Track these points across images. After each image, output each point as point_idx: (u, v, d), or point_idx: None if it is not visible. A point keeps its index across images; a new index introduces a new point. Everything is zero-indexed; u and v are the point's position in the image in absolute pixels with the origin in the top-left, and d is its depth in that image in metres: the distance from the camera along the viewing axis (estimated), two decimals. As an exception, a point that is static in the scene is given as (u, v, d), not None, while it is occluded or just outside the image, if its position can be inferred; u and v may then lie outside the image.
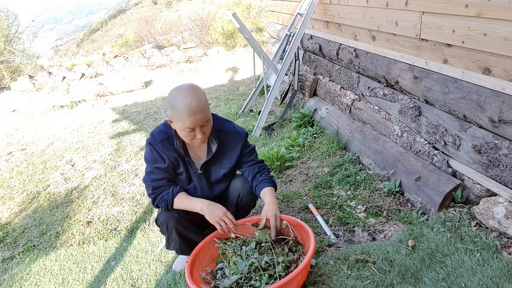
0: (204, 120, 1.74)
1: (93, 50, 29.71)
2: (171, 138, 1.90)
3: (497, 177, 2.05)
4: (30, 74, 8.91)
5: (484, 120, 2.07)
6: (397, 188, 2.55)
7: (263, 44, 8.56)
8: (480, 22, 1.99)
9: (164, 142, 1.89)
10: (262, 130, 4.06)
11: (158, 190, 1.93)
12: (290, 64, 4.36)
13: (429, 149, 2.52)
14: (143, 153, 4.11)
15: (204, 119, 1.74)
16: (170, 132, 1.90)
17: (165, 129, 1.92)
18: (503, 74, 1.93)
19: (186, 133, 1.76)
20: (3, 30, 10.20)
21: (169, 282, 2.06)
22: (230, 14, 4.20)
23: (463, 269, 1.74)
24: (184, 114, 1.68)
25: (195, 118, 1.70)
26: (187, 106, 1.68)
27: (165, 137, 1.90)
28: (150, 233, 2.64)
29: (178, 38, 18.54)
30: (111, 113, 5.96)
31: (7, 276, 2.43)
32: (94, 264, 2.42)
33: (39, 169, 4.10)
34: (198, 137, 1.78)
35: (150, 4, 64.35)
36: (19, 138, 5.31)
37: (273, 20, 5.86)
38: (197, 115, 1.70)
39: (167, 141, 1.90)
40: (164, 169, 1.92)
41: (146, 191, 2.00)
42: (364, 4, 3.11)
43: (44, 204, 3.34)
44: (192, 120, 1.70)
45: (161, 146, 1.89)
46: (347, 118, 3.51)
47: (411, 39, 2.61)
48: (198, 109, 1.69)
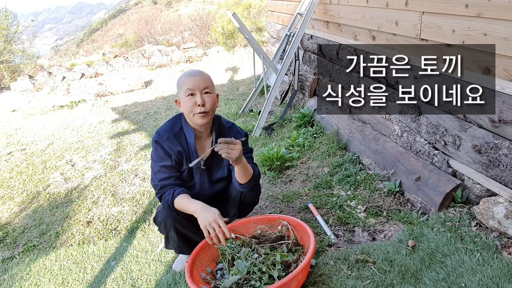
0: (204, 84, 1.85)
1: (93, 50, 29.71)
2: (177, 134, 1.94)
3: (497, 177, 2.05)
4: (30, 74, 8.91)
5: (484, 120, 2.07)
6: (397, 188, 2.55)
7: (263, 44, 8.56)
8: (480, 22, 1.99)
9: (170, 138, 1.93)
10: (262, 130, 4.06)
11: (163, 189, 1.93)
12: (290, 64, 4.36)
13: (429, 149, 2.52)
14: (143, 153, 4.11)
15: (205, 83, 1.86)
16: (177, 128, 1.95)
17: (171, 126, 1.96)
18: (503, 74, 1.93)
19: (188, 99, 1.84)
20: (2, 30, 10.19)
21: (169, 282, 2.06)
22: (230, 14, 4.20)
23: (463, 269, 1.74)
24: (187, 76, 1.86)
25: (195, 78, 1.84)
26: (189, 71, 1.90)
27: (172, 133, 1.93)
28: (150, 233, 2.64)
29: (178, 38, 18.53)
30: (111, 113, 5.95)
31: (7, 276, 2.43)
32: (94, 264, 2.42)
33: (39, 169, 4.10)
34: (199, 101, 1.82)
35: (150, 4, 64.36)
36: (19, 138, 5.30)
37: (273, 20, 5.86)
38: (197, 76, 1.85)
39: (174, 137, 1.93)
40: (170, 167, 1.93)
41: (154, 189, 2.00)
42: (364, 4, 3.11)
43: (44, 204, 3.34)
44: (193, 81, 1.83)
45: (168, 142, 1.92)
46: (347, 118, 3.51)
47: (411, 39, 2.61)
48: (199, 73, 1.88)
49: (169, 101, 6.16)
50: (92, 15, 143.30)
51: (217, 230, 1.70)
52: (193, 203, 1.84)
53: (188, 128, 1.94)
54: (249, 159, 2.09)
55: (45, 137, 5.14)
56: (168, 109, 5.71)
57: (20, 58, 10.92)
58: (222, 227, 1.71)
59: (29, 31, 12.32)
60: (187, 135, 1.94)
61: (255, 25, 10.59)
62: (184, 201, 1.91)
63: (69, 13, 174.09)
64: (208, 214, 1.74)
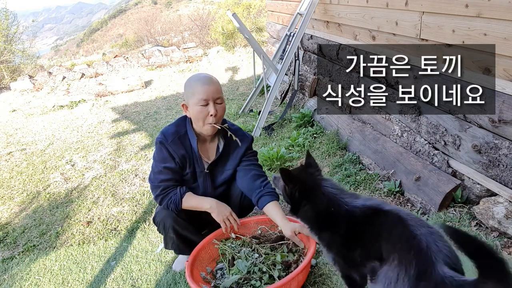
0: (217, 94, 1.85)
1: (93, 50, 29.73)
2: (182, 137, 1.93)
3: (497, 177, 2.05)
4: (30, 74, 8.90)
5: (484, 120, 2.07)
6: (397, 188, 2.55)
7: (263, 44, 8.56)
8: (480, 22, 1.99)
9: (176, 141, 1.92)
10: (262, 130, 4.06)
11: (166, 190, 1.92)
12: (290, 64, 4.36)
13: (429, 149, 2.52)
14: (143, 153, 4.11)
15: (218, 92, 1.85)
16: (182, 132, 1.94)
17: (177, 129, 1.95)
18: (503, 74, 1.93)
19: (200, 108, 1.83)
20: (3, 30, 10.19)
21: (169, 282, 2.06)
22: (230, 14, 4.20)
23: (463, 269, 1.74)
24: (199, 84, 1.83)
25: (208, 87, 1.82)
26: (202, 78, 1.87)
27: (177, 136, 1.93)
28: (150, 233, 2.64)
29: (178, 38, 18.53)
30: (111, 113, 5.95)
31: (7, 276, 2.43)
32: (94, 264, 2.42)
33: (39, 169, 4.10)
34: (211, 112, 1.83)
35: (150, 4, 64.38)
36: (19, 138, 5.30)
37: (273, 20, 5.86)
38: (211, 86, 1.83)
39: (179, 140, 1.93)
40: (173, 170, 1.92)
41: (151, 191, 1.99)
42: (364, 4, 3.11)
43: (44, 204, 3.34)
44: (206, 90, 1.81)
45: (172, 145, 1.91)
46: (347, 118, 3.51)
47: (411, 39, 2.61)
48: (212, 81, 1.85)
49: (169, 101, 6.16)
50: (92, 15, 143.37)
51: (232, 221, 1.93)
52: (206, 200, 1.94)
53: (192, 133, 1.93)
54: (254, 162, 2.09)
55: (45, 137, 5.14)
56: (168, 109, 5.71)
57: (20, 58, 10.92)
58: (236, 219, 1.95)
59: (29, 31, 12.32)
60: (191, 139, 1.94)
61: (255, 25, 10.59)
62: (194, 199, 1.93)
63: (69, 13, 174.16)
64: (225, 209, 1.94)
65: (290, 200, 1.51)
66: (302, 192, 1.46)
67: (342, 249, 1.37)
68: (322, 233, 1.46)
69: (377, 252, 1.23)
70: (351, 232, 1.34)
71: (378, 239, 1.23)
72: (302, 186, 1.46)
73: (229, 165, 2.04)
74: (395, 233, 1.18)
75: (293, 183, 1.47)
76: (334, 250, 1.41)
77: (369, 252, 1.28)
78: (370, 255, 1.28)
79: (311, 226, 1.49)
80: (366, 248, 1.29)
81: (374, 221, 1.28)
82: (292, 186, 1.47)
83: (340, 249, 1.38)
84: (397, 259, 1.11)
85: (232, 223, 1.94)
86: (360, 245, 1.31)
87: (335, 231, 1.39)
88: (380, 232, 1.24)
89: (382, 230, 1.24)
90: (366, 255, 1.29)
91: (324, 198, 1.42)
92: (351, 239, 1.34)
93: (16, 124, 6.01)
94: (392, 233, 1.19)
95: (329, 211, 1.39)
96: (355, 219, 1.33)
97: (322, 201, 1.42)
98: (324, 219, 1.42)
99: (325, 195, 1.42)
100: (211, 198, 1.96)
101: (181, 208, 1.92)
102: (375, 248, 1.24)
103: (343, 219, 1.36)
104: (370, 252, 1.27)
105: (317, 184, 1.46)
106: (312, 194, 1.45)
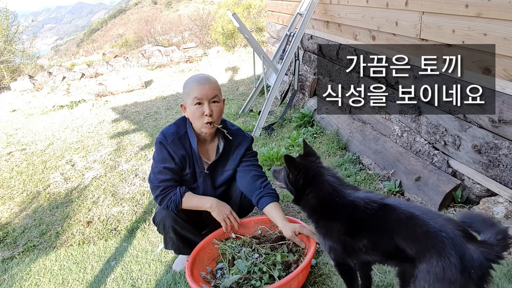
0: (212, 94, 1.84)
1: (93, 50, 29.73)
2: (182, 137, 1.93)
3: (497, 177, 2.05)
4: (30, 74, 8.90)
5: (484, 120, 2.07)
6: (397, 188, 2.55)
7: (263, 44, 8.56)
8: (480, 22, 1.99)
9: (175, 141, 1.92)
10: (262, 130, 4.06)
11: (166, 190, 1.92)
12: (290, 64, 4.36)
13: (429, 149, 2.52)
14: (143, 153, 4.11)
15: (213, 93, 1.85)
16: (182, 132, 1.94)
17: (177, 129, 1.95)
18: (503, 74, 1.93)
19: (195, 108, 1.83)
20: (3, 30, 10.19)
21: (169, 282, 2.06)
22: (230, 14, 4.20)
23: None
24: (195, 84, 1.83)
25: (203, 87, 1.82)
26: (198, 78, 1.87)
27: (177, 137, 1.93)
28: (150, 233, 2.64)
29: (178, 38, 18.55)
30: (111, 113, 5.95)
31: (7, 276, 2.43)
32: (94, 264, 2.42)
33: (39, 169, 4.10)
34: (206, 112, 1.83)
35: (150, 4, 64.40)
36: (19, 138, 5.30)
37: (273, 20, 5.86)
38: (206, 85, 1.83)
39: (179, 141, 1.93)
40: (173, 170, 1.92)
41: (151, 191, 1.99)
42: (364, 4, 3.11)
43: (44, 204, 3.34)
44: (201, 89, 1.81)
45: (172, 145, 1.91)
46: (347, 118, 3.51)
47: (411, 39, 2.61)
48: (207, 81, 1.85)
49: (169, 101, 6.16)
50: (92, 15, 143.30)
51: (232, 220, 1.94)
52: (206, 199, 1.94)
53: (192, 133, 1.94)
54: (254, 163, 2.09)
55: (45, 137, 5.14)
56: (168, 109, 5.71)
57: (20, 58, 10.92)
58: (236, 218, 1.97)
59: (29, 31, 12.31)
60: (191, 140, 1.94)
61: (255, 25, 10.59)
62: (194, 198, 1.94)
63: (69, 13, 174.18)
64: (225, 208, 1.95)
65: (294, 187, 1.51)
66: (306, 179, 1.47)
67: (345, 237, 1.39)
68: (321, 221, 1.48)
69: (385, 244, 1.29)
70: (356, 222, 1.36)
71: (390, 234, 1.27)
72: (306, 173, 1.47)
73: (229, 166, 2.04)
74: (419, 231, 1.21)
75: (297, 170, 1.48)
76: (334, 238, 1.43)
77: (376, 243, 1.33)
78: (376, 246, 1.33)
79: (311, 214, 1.51)
80: (372, 240, 1.33)
81: (382, 215, 1.32)
82: (296, 173, 1.48)
83: (342, 237, 1.40)
84: (436, 255, 1.15)
85: (232, 222, 1.94)
86: (366, 236, 1.34)
87: (336, 219, 1.41)
88: (394, 228, 1.27)
89: (396, 227, 1.27)
90: (372, 245, 1.34)
91: (328, 186, 1.43)
92: (356, 229, 1.37)
93: (16, 124, 6.01)
94: (417, 231, 1.22)
95: (333, 199, 1.41)
96: (360, 209, 1.35)
97: (326, 189, 1.44)
98: (327, 207, 1.44)
99: (329, 183, 1.44)
100: (211, 197, 1.96)
101: (181, 208, 1.92)
102: (383, 240, 1.30)
103: (348, 208, 1.38)
104: (378, 243, 1.33)
105: (319, 172, 1.48)
106: (316, 181, 1.46)
